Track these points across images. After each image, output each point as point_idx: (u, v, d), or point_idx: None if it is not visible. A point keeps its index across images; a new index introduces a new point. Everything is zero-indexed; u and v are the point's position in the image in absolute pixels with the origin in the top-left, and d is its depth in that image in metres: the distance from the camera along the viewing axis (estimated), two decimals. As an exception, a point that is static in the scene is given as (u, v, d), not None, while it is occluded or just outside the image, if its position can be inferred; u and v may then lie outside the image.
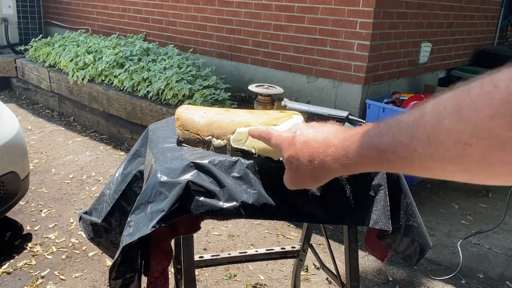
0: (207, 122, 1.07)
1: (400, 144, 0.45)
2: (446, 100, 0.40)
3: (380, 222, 1.09)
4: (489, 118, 0.35)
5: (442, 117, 0.40)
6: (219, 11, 4.24)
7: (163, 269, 1.10)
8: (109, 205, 1.27)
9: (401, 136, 0.45)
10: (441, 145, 0.40)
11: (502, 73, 0.36)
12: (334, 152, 0.55)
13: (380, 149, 0.47)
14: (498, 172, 0.37)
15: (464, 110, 0.37)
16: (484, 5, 4.70)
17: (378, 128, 0.49)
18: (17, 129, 2.56)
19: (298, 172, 0.62)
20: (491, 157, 0.36)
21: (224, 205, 0.97)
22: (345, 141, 0.54)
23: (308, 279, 2.36)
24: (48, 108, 5.24)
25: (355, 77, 3.36)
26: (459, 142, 0.38)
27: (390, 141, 0.46)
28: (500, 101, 0.34)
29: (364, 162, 0.51)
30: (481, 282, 2.40)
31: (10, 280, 2.25)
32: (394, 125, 0.46)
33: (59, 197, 3.15)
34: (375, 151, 0.48)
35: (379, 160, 0.48)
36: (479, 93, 0.36)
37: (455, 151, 0.38)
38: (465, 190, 3.51)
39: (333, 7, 3.39)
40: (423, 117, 0.42)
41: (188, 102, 3.56)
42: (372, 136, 0.49)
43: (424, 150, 0.42)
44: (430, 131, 0.41)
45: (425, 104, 0.43)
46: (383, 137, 0.47)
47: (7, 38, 5.92)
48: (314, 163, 0.58)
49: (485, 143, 0.36)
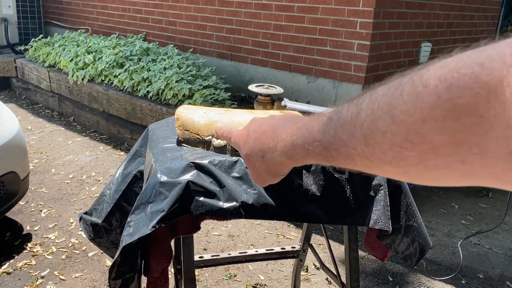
0: (207, 122, 1.07)
1: (341, 142, 0.43)
2: (380, 98, 0.38)
3: (380, 222, 1.09)
4: (421, 122, 0.33)
5: (376, 117, 0.38)
6: (219, 11, 4.24)
7: (163, 269, 1.10)
8: (109, 205, 1.27)
9: (342, 133, 0.43)
10: (377, 146, 0.38)
11: (431, 68, 0.34)
12: (282, 147, 0.54)
13: (323, 146, 0.46)
14: (437, 175, 0.36)
15: (396, 112, 0.35)
16: (484, 5, 4.70)
17: (321, 121, 0.47)
18: (17, 129, 2.56)
19: (255, 169, 0.62)
20: (427, 162, 0.35)
21: (224, 205, 0.97)
22: (291, 135, 0.53)
23: (308, 279, 2.36)
24: (48, 108, 5.24)
25: (355, 77, 3.36)
26: (395, 145, 0.36)
27: (332, 138, 0.45)
28: (430, 103, 0.33)
29: (311, 157, 0.50)
30: (481, 282, 2.40)
31: (10, 280, 2.25)
32: (335, 120, 0.44)
33: (59, 197, 3.14)
34: (320, 147, 0.47)
35: (324, 156, 0.47)
36: (410, 93, 0.35)
37: (391, 154, 0.37)
38: (465, 190, 3.51)
39: (333, 7, 3.39)
40: (359, 114, 0.40)
41: (188, 102, 3.56)
42: (316, 132, 0.48)
43: (363, 150, 0.40)
44: (366, 131, 0.39)
45: (362, 97, 0.41)
46: (326, 133, 0.46)
47: (7, 38, 5.92)
48: (266, 159, 0.58)
49: (419, 148, 0.35)
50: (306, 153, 0.50)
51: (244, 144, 0.63)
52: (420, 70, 0.36)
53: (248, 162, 0.63)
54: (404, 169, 0.38)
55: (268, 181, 0.64)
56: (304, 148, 0.50)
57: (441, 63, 0.34)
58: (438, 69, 0.33)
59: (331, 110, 0.48)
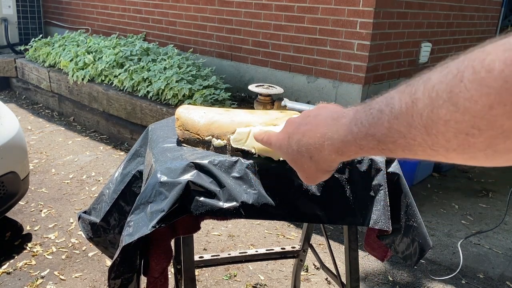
0: (207, 122, 1.07)
1: (398, 133, 0.42)
2: (437, 86, 0.37)
3: (380, 222, 1.09)
4: (488, 108, 0.33)
5: (437, 105, 0.37)
6: (219, 11, 4.24)
7: (162, 269, 1.10)
8: (108, 205, 1.27)
9: (398, 125, 0.42)
10: (441, 135, 0.37)
11: (493, 52, 0.33)
12: (330, 146, 0.53)
13: (378, 139, 0.45)
14: (507, 158, 0.35)
15: (459, 99, 0.34)
16: (484, 5, 4.70)
17: (370, 115, 0.46)
18: (17, 129, 2.56)
19: (305, 171, 0.61)
20: (497, 146, 0.34)
21: (224, 205, 0.97)
22: (338, 133, 0.51)
23: (308, 279, 2.36)
24: (48, 108, 5.24)
25: (355, 77, 3.36)
26: (460, 133, 0.36)
27: (387, 131, 0.43)
28: (497, 89, 0.32)
29: (364, 152, 0.49)
30: (481, 282, 2.39)
31: (10, 280, 2.25)
32: (387, 112, 0.43)
33: (59, 197, 3.14)
34: (374, 141, 0.46)
35: (380, 150, 0.46)
36: (472, 80, 0.34)
37: (457, 142, 0.36)
38: (465, 190, 3.51)
39: (333, 7, 3.39)
40: (416, 104, 0.39)
41: (188, 102, 3.56)
42: (368, 126, 0.46)
43: (424, 140, 0.39)
44: (426, 121, 0.38)
45: (413, 87, 0.40)
46: (379, 127, 0.44)
47: (7, 38, 5.92)
48: (315, 159, 0.57)
49: (488, 133, 0.34)
50: (359, 148, 0.48)
51: (287, 149, 0.62)
52: (476, 53, 0.34)
53: (295, 164, 0.61)
54: (471, 155, 0.37)
55: (320, 179, 0.62)
56: (356, 144, 0.48)
57: (502, 45, 0.33)
58: (501, 52, 0.32)
59: (376, 100, 0.46)
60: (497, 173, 3.86)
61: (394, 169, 1.15)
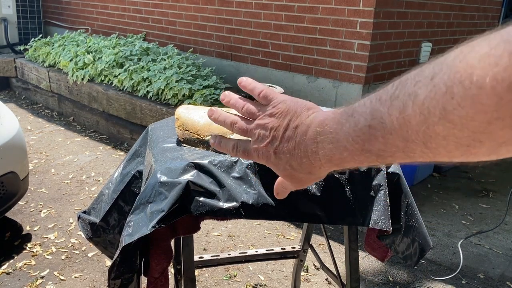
0: (207, 122, 1.06)
1: (395, 148, 0.41)
2: (427, 103, 0.36)
3: (380, 222, 1.08)
4: (487, 123, 0.32)
5: (432, 123, 0.36)
6: (219, 11, 4.24)
7: (163, 269, 1.10)
8: (107, 205, 1.27)
9: (393, 140, 0.40)
10: (442, 148, 0.37)
11: (479, 67, 0.32)
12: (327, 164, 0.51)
13: (377, 155, 0.44)
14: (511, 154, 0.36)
15: (454, 117, 0.34)
16: (485, 4, 4.70)
17: (360, 131, 0.44)
18: (16, 129, 2.55)
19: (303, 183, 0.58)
20: (499, 150, 0.34)
21: (224, 205, 0.97)
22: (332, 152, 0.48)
23: (308, 280, 2.36)
24: (48, 108, 5.23)
25: (356, 77, 3.36)
26: (462, 146, 0.35)
27: (384, 146, 0.42)
28: (493, 106, 0.31)
29: (364, 164, 0.48)
30: (481, 283, 2.39)
31: (10, 281, 2.25)
32: (379, 128, 0.41)
33: (58, 197, 3.14)
34: (372, 157, 0.45)
35: (380, 162, 0.45)
36: (464, 96, 0.33)
37: (459, 152, 0.36)
38: (466, 190, 3.50)
39: (333, 7, 3.39)
40: (409, 122, 0.38)
41: (188, 102, 3.56)
42: (360, 142, 0.44)
43: (424, 152, 0.39)
44: (424, 137, 0.37)
45: (400, 101, 0.38)
46: (373, 142, 0.43)
47: (7, 38, 5.91)
48: (313, 173, 0.55)
49: (489, 144, 0.34)
50: (359, 162, 0.47)
51: (276, 169, 0.58)
52: (459, 66, 0.33)
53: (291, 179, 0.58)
54: (475, 158, 0.37)
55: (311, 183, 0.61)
56: (354, 160, 0.47)
57: (487, 57, 0.32)
58: (489, 67, 0.31)
59: (357, 111, 0.45)
60: (497, 173, 3.86)
61: (394, 169, 1.15)
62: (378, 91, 0.44)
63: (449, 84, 0.34)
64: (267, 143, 0.56)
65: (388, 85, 0.42)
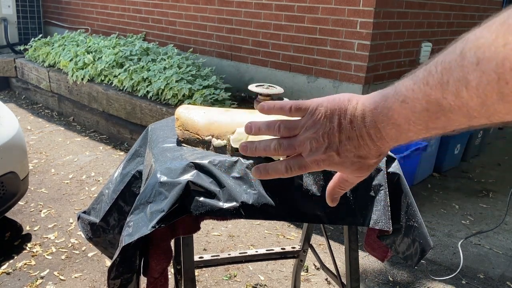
0: (207, 122, 1.06)
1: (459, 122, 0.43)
2: (481, 88, 0.37)
3: (380, 222, 1.08)
4: None
5: (491, 104, 0.37)
6: (219, 11, 4.24)
7: (162, 269, 1.10)
8: (107, 205, 1.27)
9: (456, 117, 0.42)
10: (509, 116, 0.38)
11: None
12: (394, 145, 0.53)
13: (442, 128, 0.45)
14: None
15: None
16: (485, 4, 4.70)
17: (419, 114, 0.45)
18: (16, 129, 2.55)
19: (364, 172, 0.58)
20: None
21: (224, 205, 0.97)
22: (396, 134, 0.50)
23: (308, 280, 2.36)
24: (48, 108, 5.23)
25: (356, 77, 3.36)
26: None
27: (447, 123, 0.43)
28: None
29: (432, 136, 0.50)
30: (481, 283, 2.39)
31: (10, 281, 2.25)
32: (438, 110, 0.43)
33: (58, 197, 3.14)
34: (439, 131, 0.46)
35: (446, 132, 0.47)
36: None
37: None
38: (466, 190, 3.50)
39: (333, 7, 3.39)
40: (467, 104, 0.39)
41: (188, 102, 3.56)
42: (423, 123, 0.46)
43: (490, 121, 0.40)
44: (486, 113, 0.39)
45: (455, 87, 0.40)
46: (436, 121, 0.44)
47: (7, 38, 5.91)
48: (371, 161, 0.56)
49: None
50: (427, 136, 0.49)
51: (343, 167, 0.57)
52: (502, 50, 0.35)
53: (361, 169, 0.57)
54: None
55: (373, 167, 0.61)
56: (421, 136, 0.49)
57: None
58: None
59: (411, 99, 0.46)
60: (497, 173, 3.86)
61: (395, 169, 1.14)
62: (419, 74, 0.45)
63: (500, 71, 0.35)
64: (325, 150, 0.54)
65: (427, 66, 0.44)
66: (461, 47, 0.39)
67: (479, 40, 0.37)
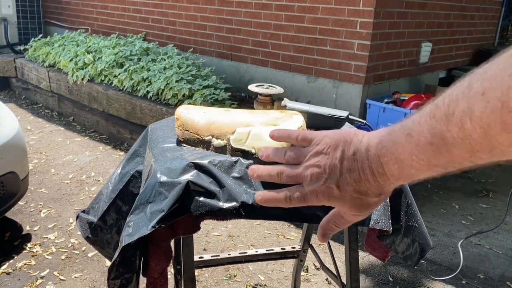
0: (207, 122, 1.06)
1: (461, 158, 0.43)
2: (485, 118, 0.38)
3: (380, 222, 1.08)
4: None
5: (493, 134, 0.38)
6: (219, 11, 4.24)
7: (162, 269, 1.10)
8: (105, 204, 1.26)
9: (458, 152, 0.42)
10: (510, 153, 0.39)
11: None
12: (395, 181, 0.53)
13: (444, 166, 0.46)
14: None
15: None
16: (485, 4, 4.70)
17: (423, 148, 0.46)
18: (16, 129, 2.55)
19: (372, 207, 0.58)
20: None
21: (224, 205, 0.97)
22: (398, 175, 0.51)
23: (308, 280, 2.36)
24: (48, 108, 5.23)
25: (356, 77, 3.36)
26: None
27: (449, 159, 0.44)
28: None
29: (434, 176, 0.50)
30: (481, 283, 2.39)
31: (10, 281, 2.25)
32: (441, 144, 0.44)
33: (58, 197, 3.14)
34: (441, 169, 0.47)
35: (448, 171, 0.47)
36: None
37: None
38: (466, 190, 3.50)
39: (333, 7, 3.39)
40: (470, 135, 0.40)
41: (188, 102, 3.56)
42: (426, 159, 0.47)
43: (492, 157, 0.41)
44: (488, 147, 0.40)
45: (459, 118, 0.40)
46: (438, 157, 0.45)
47: (7, 38, 5.91)
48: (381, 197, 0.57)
49: None
50: (429, 175, 0.49)
51: (341, 202, 0.57)
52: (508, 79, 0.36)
53: (360, 207, 0.57)
54: None
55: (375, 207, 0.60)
56: (423, 174, 0.49)
57: None
58: None
59: (417, 132, 0.46)
60: (497, 173, 3.86)
61: (395, 169, 1.14)
62: (427, 108, 0.45)
63: (504, 100, 0.36)
64: (325, 180, 0.55)
65: (436, 100, 0.44)
66: (469, 80, 0.40)
67: (487, 72, 0.38)
